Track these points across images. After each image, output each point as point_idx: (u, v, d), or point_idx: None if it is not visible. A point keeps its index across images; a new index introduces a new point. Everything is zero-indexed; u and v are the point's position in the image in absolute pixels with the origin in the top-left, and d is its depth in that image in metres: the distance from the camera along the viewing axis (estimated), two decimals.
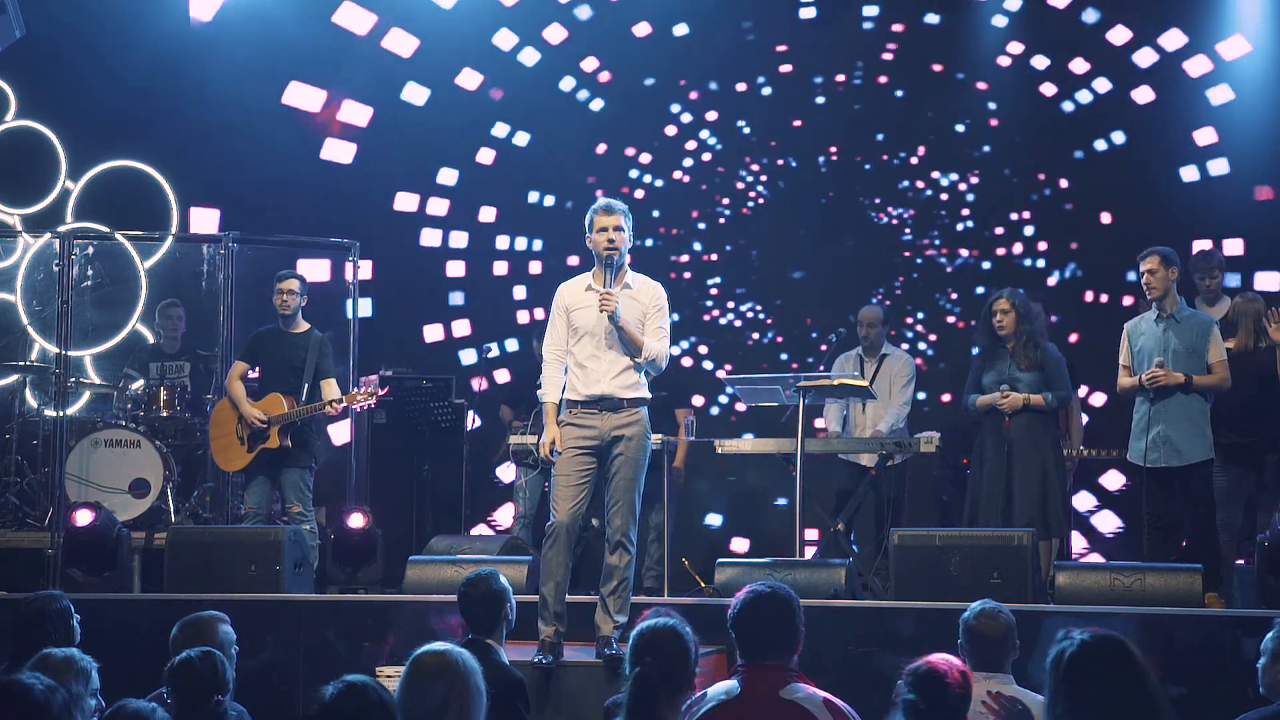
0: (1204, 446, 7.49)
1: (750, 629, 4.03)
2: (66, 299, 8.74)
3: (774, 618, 4.02)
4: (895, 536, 7.39)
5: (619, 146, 11.24)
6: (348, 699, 3.23)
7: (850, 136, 11.20)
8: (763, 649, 4.00)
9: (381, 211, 11.07)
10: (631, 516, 6.37)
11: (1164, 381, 7.47)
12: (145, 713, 3.59)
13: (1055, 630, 6.51)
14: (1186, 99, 10.54)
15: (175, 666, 4.33)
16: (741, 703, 3.93)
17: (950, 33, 11.01)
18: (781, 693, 3.91)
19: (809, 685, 3.95)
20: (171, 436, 9.26)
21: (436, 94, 11.18)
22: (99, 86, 10.77)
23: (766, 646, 4.00)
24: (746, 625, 4.03)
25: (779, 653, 4.00)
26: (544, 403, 6.54)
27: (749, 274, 11.29)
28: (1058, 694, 3.17)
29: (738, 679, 3.99)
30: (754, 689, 3.94)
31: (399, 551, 8.46)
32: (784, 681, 3.93)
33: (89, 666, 4.05)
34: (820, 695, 3.92)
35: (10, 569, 8.42)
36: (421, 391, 9.97)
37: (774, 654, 4.00)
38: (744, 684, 3.97)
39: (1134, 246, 7.86)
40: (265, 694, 6.07)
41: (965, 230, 11.06)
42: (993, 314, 8.00)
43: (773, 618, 4.02)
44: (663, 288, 6.60)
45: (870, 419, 8.93)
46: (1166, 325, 7.59)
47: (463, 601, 5.26)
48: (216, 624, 5.03)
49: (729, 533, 10.79)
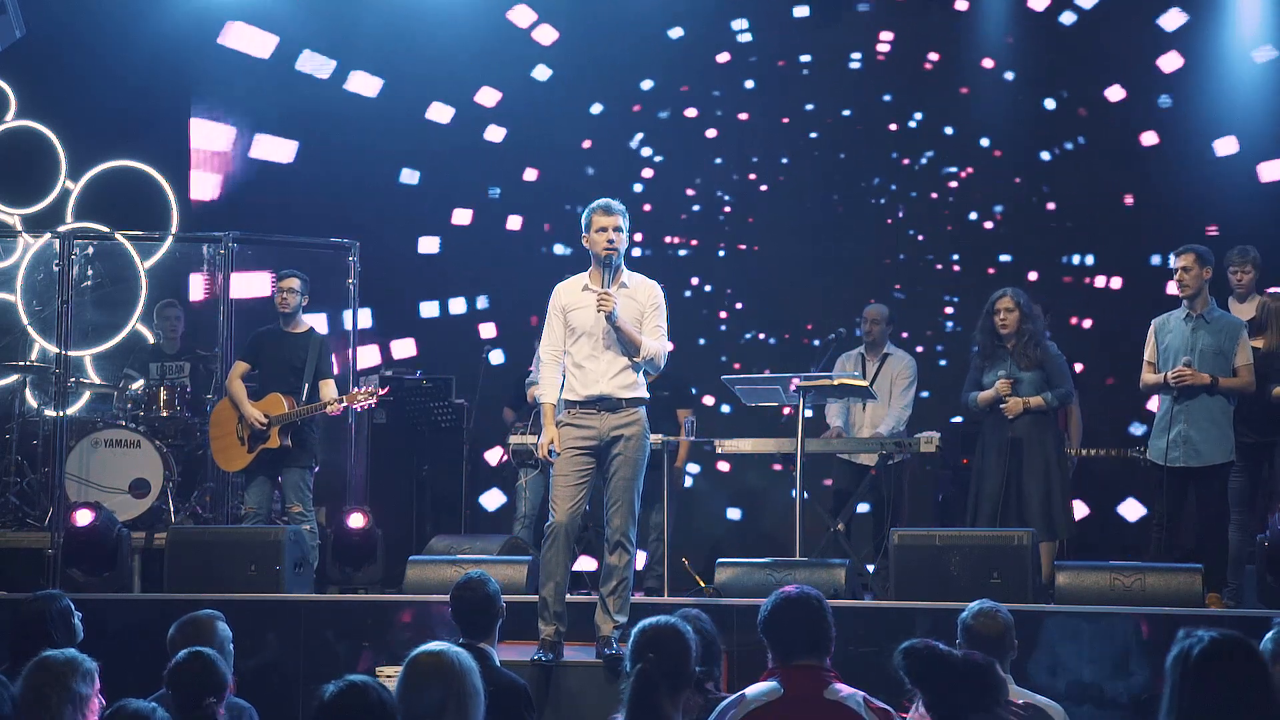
0: (1225, 449, 7.45)
1: (783, 631, 4.05)
2: (66, 299, 8.74)
3: (805, 618, 4.04)
4: (895, 536, 7.39)
5: (617, 151, 11.21)
6: (348, 698, 3.23)
7: (852, 134, 11.19)
8: (797, 650, 4.01)
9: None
10: (631, 516, 6.37)
11: (1190, 381, 7.44)
12: (145, 713, 3.58)
13: (1055, 630, 6.60)
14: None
15: (169, 671, 4.32)
16: (785, 703, 3.93)
17: (950, 31, 11.00)
18: (825, 693, 3.92)
19: (847, 686, 3.97)
20: (171, 436, 9.26)
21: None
22: (99, 86, 10.76)
23: (801, 647, 4.02)
24: (778, 628, 4.05)
25: (814, 653, 4.01)
26: (542, 403, 6.54)
27: (750, 274, 11.27)
28: (1183, 692, 3.14)
29: (776, 680, 3.99)
30: (796, 690, 3.94)
31: (399, 551, 8.46)
32: (825, 682, 3.95)
33: (91, 667, 4.05)
34: (860, 695, 3.94)
35: (10, 569, 8.42)
36: (421, 391, 9.96)
37: (809, 654, 4.01)
38: (785, 685, 3.96)
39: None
40: (265, 694, 6.05)
41: (965, 230, 11.04)
42: (995, 312, 7.98)
43: (803, 618, 4.04)
44: (659, 286, 6.59)
45: (870, 419, 8.93)
46: (1196, 325, 7.56)
47: (456, 605, 5.24)
48: (213, 622, 5.03)
49: (729, 533, 10.77)
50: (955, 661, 3.58)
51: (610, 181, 10.63)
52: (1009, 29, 10.89)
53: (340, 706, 3.22)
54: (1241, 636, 3.22)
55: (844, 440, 8.89)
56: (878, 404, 8.82)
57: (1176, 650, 3.19)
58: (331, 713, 3.23)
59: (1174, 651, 3.20)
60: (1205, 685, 3.12)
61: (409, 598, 7.49)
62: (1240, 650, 3.17)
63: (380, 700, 3.25)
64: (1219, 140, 10.36)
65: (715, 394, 10.43)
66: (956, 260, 11.01)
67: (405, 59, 11.03)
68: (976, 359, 8.16)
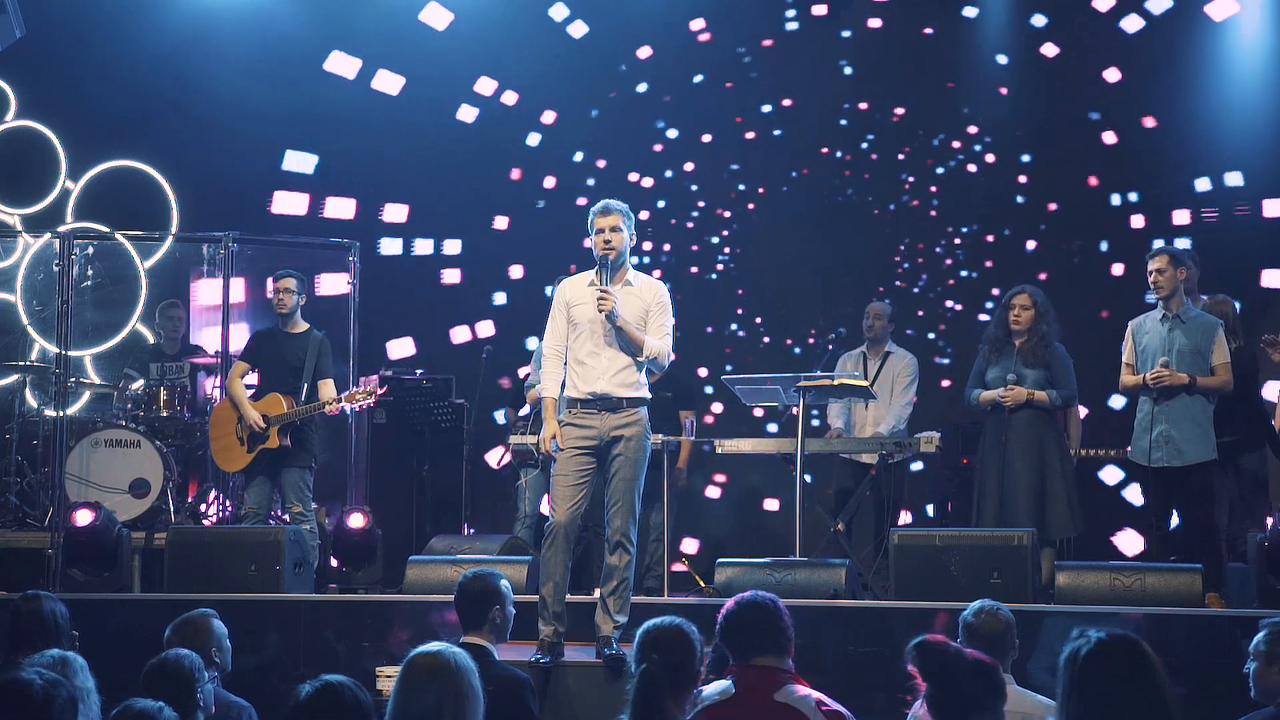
0: (1206, 447, 7.49)
1: (735, 634, 4.09)
2: (66, 299, 8.74)
3: (755, 620, 4.07)
4: (895, 536, 7.39)
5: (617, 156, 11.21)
6: (323, 698, 3.19)
7: (849, 137, 11.19)
8: (750, 650, 4.04)
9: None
10: (631, 517, 6.37)
11: (1168, 382, 7.47)
12: (152, 712, 3.57)
13: (1055, 631, 6.60)
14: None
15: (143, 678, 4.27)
16: (735, 703, 3.95)
17: (950, 31, 11.00)
18: (776, 695, 3.92)
19: (803, 686, 3.97)
20: (171, 436, 9.26)
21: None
22: (99, 86, 10.77)
23: (753, 648, 4.04)
24: (731, 631, 4.10)
25: (767, 653, 4.03)
26: (543, 398, 6.54)
27: (749, 274, 11.27)
28: (1071, 692, 3.15)
29: (731, 679, 4.02)
30: (748, 690, 3.96)
31: (399, 551, 8.46)
32: (779, 683, 3.95)
33: (80, 665, 4.03)
34: (814, 697, 3.93)
35: (10, 569, 8.42)
36: (421, 391, 9.96)
37: (762, 654, 4.03)
38: (738, 684, 3.99)
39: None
40: (265, 694, 6.05)
41: (967, 227, 11.04)
42: (1010, 307, 7.98)
43: (754, 620, 4.07)
44: (665, 287, 6.59)
45: (871, 418, 8.92)
46: (1172, 325, 7.58)
47: (457, 594, 5.26)
48: (208, 620, 5.03)
49: (729, 532, 10.76)
50: (965, 660, 3.57)
51: (611, 181, 10.64)
52: (1012, 29, 10.89)
53: (315, 706, 3.20)
54: (1131, 636, 3.21)
55: (844, 440, 8.88)
56: (878, 403, 8.81)
57: (1066, 650, 3.19)
58: (306, 712, 3.19)
59: (1064, 652, 3.19)
60: (1092, 686, 3.12)
61: (409, 598, 7.49)
62: (1126, 651, 3.15)
63: (355, 699, 3.22)
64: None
65: (717, 395, 10.44)
66: (956, 261, 11.01)
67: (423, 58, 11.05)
68: (983, 351, 8.14)
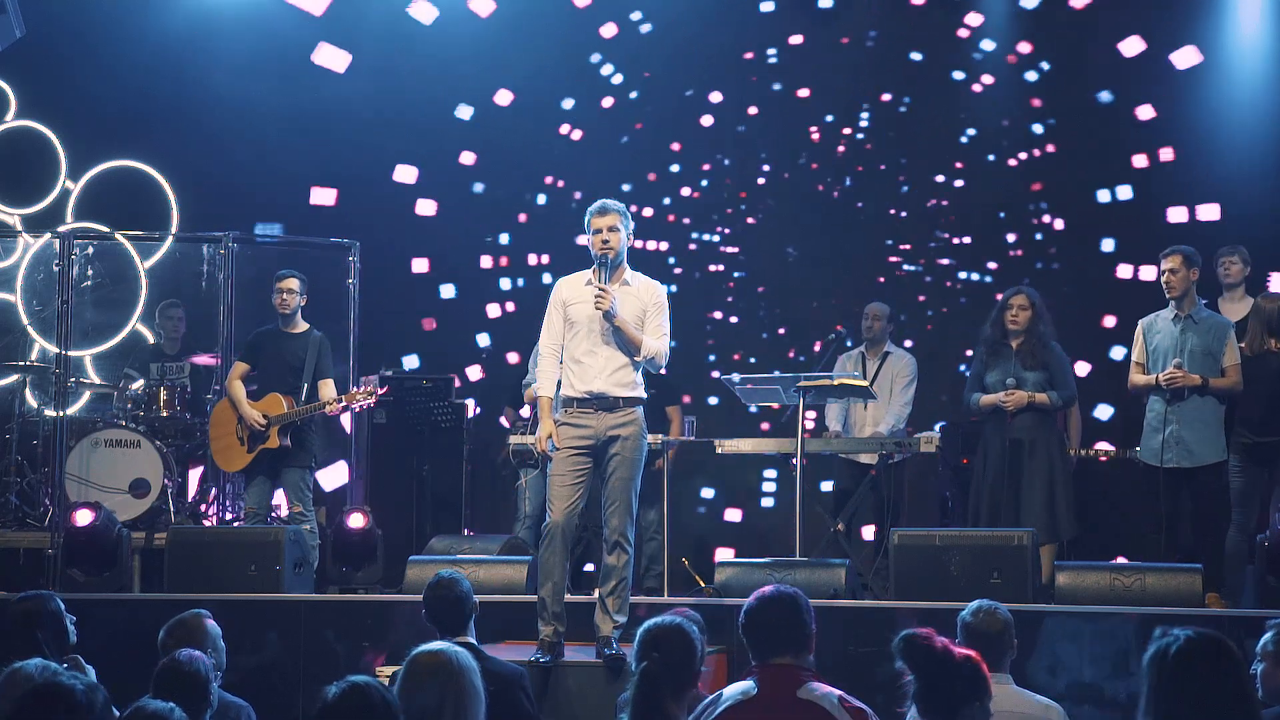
0: (1217, 448, 7.49)
1: (759, 630, 4.03)
2: (66, 299, 8.75)
3: (780, 616, 4.02)
4: (895, 536, 7.39)
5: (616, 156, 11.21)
6: (351, 699, 3.22)
7: (850, 136, 11.19)
8: (773, 648, 4.00)
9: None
10: (629, 517, 6.37)
11: (1182, 383, 7.47)
12: (163, 713, 3.58)
13: (1055, 630, 6.60)
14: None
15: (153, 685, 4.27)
16: (759, 703, 3.92)
17: (950, 32, 11.00)
18: (799, 692, 3.90)
19: (824, 684, 3.95)
20: (171, 436, 9.26)
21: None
22: (99, 86, 10.76)
23: (777, 645, 4.00)
24: (755, 627, 4.04)
25: (790, 651, 3.99)
26: (539, 396, 6.53)
27: (749, 274, 11.26)
28: (1160, 691, 3.15)
29: (753, 679, 3.98)
30: (771, 689, 3.93)
31: (399, 551, 8.45)
32: (800, 681, 3.93)
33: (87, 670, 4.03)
34: (836, 693, 3.91)
35: (10, 569, 8.43)
36: (421, 391, 9.96)
37: (785, 652, 3.99)
38: (760, 684, 3.95)
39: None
40: (265, 694, 6.06)
41: (967, 227, 11.04)
42: (1008, 308, 7.98)
43: (779, 617, 4.02)
44: (663, 287, 6.59)
45: (871, 418, 8.92)
46: (1184, 325, 7.58)
47: (434, 602, 5.24)
48: (202, 621, 5.04)
49: (728, 532, 10.76)
50: (951, 653, 3.58)
51: (610, 181, 10.64)
52: (1016, 30, 10.89)
53: (343, 707, 3.22)
54: (1218, 635, 3.22)
55: (844, 440, 8.88)
56: (878, 403, 8.81)
57: (1154, 649, 3.20)
58: (334, 713, 3.22)
59: (1151, 650, 3.20)
60: (1183, 683, 3.13)
61: (409, 598, 7.47)
62: (1217, 648, 3.17)
63: (383, 700, 3.24)
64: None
65: (716, 394, 10.44)
66: (957, 260, 11.01)
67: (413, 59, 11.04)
68: (980, 354, 8.14)
